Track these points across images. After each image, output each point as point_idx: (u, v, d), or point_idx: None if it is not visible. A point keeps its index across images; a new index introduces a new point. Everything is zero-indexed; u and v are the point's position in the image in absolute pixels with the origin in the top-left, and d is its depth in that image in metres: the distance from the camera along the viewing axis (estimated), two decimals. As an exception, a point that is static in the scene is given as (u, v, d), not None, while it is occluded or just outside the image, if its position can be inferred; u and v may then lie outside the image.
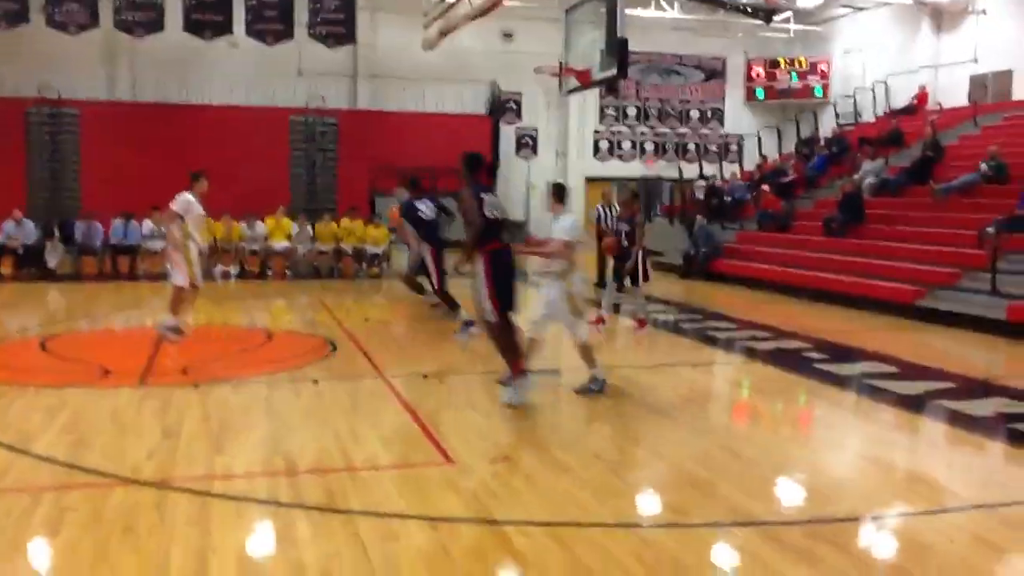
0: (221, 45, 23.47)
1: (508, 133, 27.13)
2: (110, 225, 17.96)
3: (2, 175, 21.66)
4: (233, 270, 17.52)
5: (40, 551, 4.24)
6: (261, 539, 4.47)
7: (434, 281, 11.18)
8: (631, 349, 11.02)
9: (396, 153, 24.70)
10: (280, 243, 17.88)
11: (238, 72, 24.39)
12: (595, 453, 6.05)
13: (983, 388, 8.07)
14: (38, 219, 18.42)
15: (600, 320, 11.17)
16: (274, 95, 24.68)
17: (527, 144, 27.45)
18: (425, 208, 11.45)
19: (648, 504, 5.18)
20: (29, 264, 16.97)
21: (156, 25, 22.76)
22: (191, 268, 9.83)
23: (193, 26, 22.85)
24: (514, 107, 27.09)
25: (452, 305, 10.87)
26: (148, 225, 17.58)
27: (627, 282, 11.28)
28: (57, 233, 18.06)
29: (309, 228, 18.22)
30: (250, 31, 23.26)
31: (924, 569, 4.16)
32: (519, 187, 27.15)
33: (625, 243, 11.20)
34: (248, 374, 8.34)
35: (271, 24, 23.45)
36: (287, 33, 23.45)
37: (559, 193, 7.88)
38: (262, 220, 17.97)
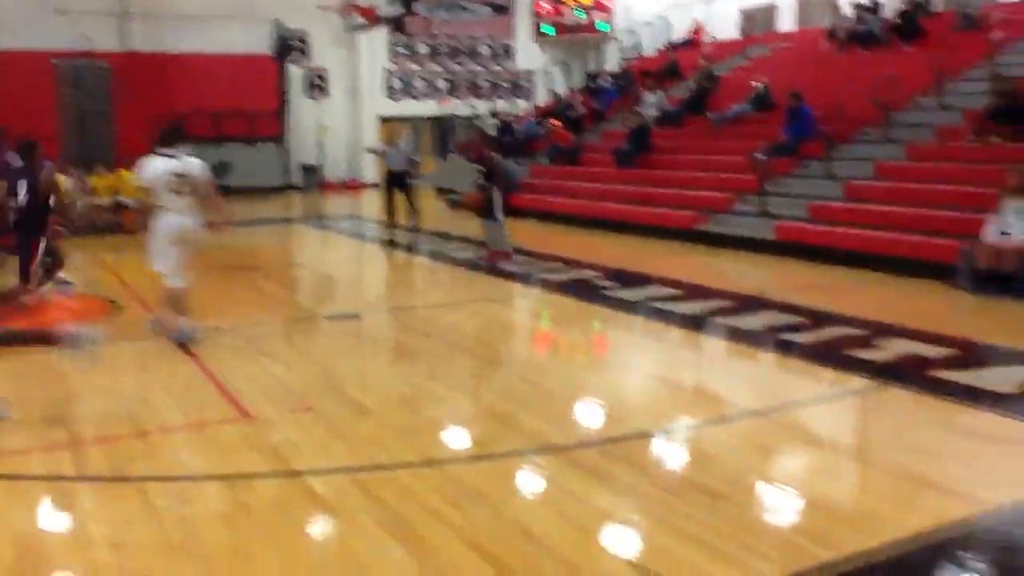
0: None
1: (297, 73, 26.19)
2: None
3: None
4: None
5: None
6: (42, 516, 4.20)
7: None
8: (430, 288, 11.07)
9: (179, 99, 23.36)
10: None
11: (-9, 13, 22.18)
12: (397, 394, 6.06)
13: (756, 304, 8.69)
14: None
15: (507, 254, 11.39)
16: (34, 36, 22.62)
17: (317, 85, 26.61)
18: None
19: (450, 440, 5.26)
20: None
21: None
22: None
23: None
24: (301, 46, 26.12)
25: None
26: None
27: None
28: None
29: (85, 181, 16.95)
30: (-3, -37, 21.12)
31: (708, 477, 4.46)
32: (311, 129, 26.41)
33: (482, 181, 11.60)
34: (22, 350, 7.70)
35: (21, -44, 21.36)
36: (42, -35, 21.46)
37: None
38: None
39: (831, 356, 6.74)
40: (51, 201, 8.87)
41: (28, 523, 4.13)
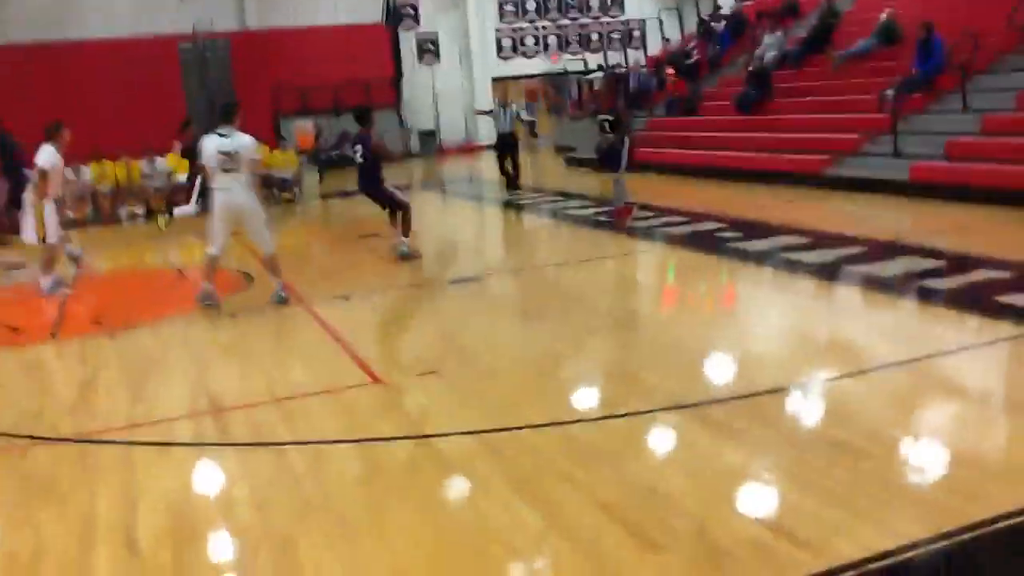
0: (94, -26, 22.19)
1: (409, 40, 26.41)
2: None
3: None
4: (139, 210, 16.91)
5: (-41, 522, 4.11)
6: (190, 480, 4.40)
7: None
8: (552, 247, 11.03)
9: (295, 72, 23.94)
10: (184, 177, 17.25)
11: (116, 3, 23.15)
12: (522, 355, 6.07)
13: (892, 249, 8.29)
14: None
15: (628, 210, 11.25)
16: (159, 23, 23.51)
17: (429, 50, 26.79)
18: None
19: (577, 400, 5.23)
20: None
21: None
22: (41, 225, 9.23)
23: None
24: (412, 12, 26.31)
25: None
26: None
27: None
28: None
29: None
30: (123, -45, 21.98)
31: (845, 432, 4.29)
32: (426, 95, 26.63)
33: (609, 132, 11.33)
34: (163, 315, 8.10)
35: (144, -53, 22.16)
36: (164, -45, 22.22)
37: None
38: (162, 156, 17.29)
39: (976, 302, 6.37)
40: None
41: (179, 487, 4.34)
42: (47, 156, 9.21)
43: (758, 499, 3.73)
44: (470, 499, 3.98)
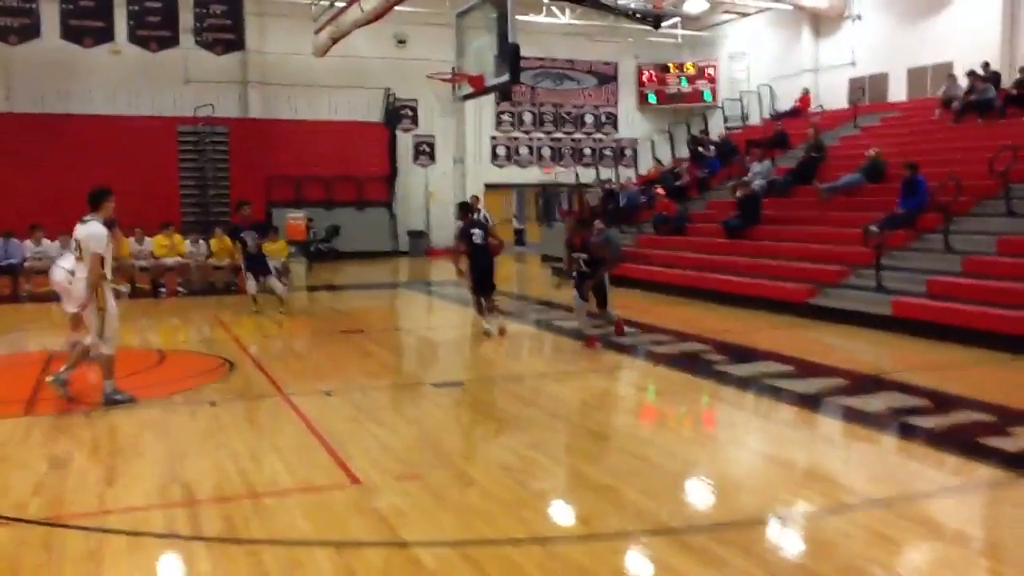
0: (103, 52, 22.66)
1: (405, 140, 26.96)
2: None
3: None
4: (124, 288, 16.82)
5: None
6: (159, 572, 4.28)
7: None
8: (535, 358, 11.05)
9: (291, 163, 24.32)
10: (171, 258, 17.31)
11: (122, 80, 23.63)
12: (502, 464, 6.01)
13: (874, 383, 8.37)
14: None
15: (594, 340, 10.69)
16: (160, 104, 23.96)
17: (425, 151, 27.33)
18: None
19: (557, 515, 5.17)
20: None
21: (32, 32, 21.82)
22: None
23: (72, 33, 21.99)
24: (410, 114, 26.93)
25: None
26: (30, 244, 16.78)
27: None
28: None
29: (203, 244, 17.72)
30: (133, 38, 22.54)
31: (825, 567, 4.25)
32: (419, 195, 27.05)
33: (586, 269, 10.68)
34: (141, 397, 7.98)
35: (155, 31, 22.76)
36: (172, 40, 22.79)
37: None
38: (150, 236, 17.35)
39: (957, 442, 6.41)
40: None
41: (145, 581, 4.22)
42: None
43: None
44: (446, 614, 3.89)
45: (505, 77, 13.67)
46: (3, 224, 17.39)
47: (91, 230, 7.31)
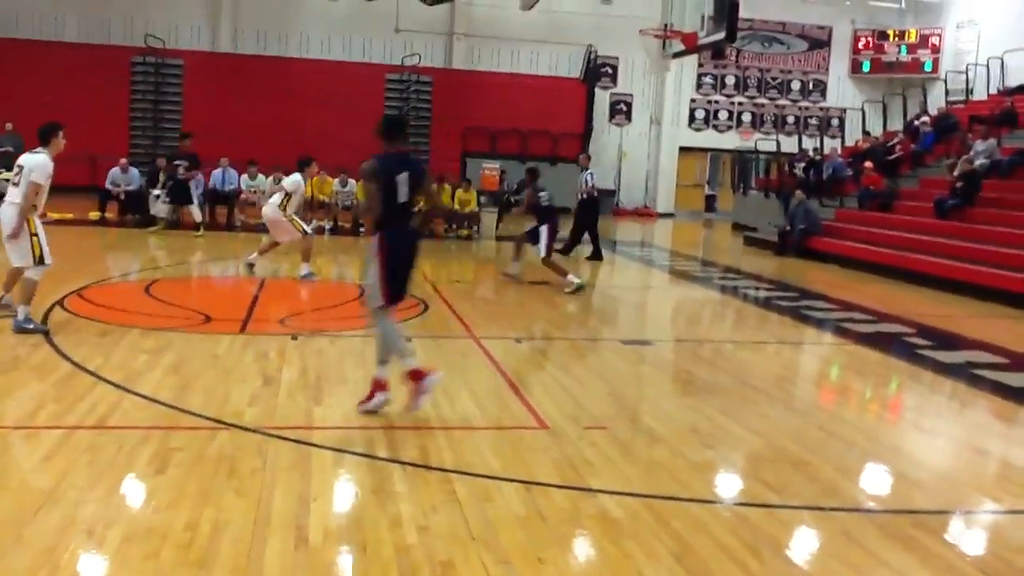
0: (322, 0, 23.70)
1: (603, 98, 26.80)
2: (209, 174, 18.33)
3: (107, 122, 22.35)
4: (327, 224, 17.77)
5: (148, 488, 4.36)
6: (360, 490, 4.51)
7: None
8: (722, 323, 10.82)
9: (488, 114, 24.70)
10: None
11: (336, 27, 24.64)
12: (689, 426, 5.95)
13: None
14: (141, 166, 18.93)
15: None
16: (371, 51, 24.84)
17: (621, 110, 27.09)
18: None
19: (745, 480, 5.07)
20: (132, 210, 17.46)
21: (260, -22, 23.10)
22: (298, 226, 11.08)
23: (295, -19, 23.11)
24: (610, 72, 26.72)
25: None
26: (246, 177, 17.93)
27: None
28: (161, 180, 18.47)
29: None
30: (352, -13, 23.43)
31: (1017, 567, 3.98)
32: (611, 154, 26.89)
33: None
34: (343, 328, 8.43)
35: (370, -20, 23.54)
36: (388, -11, 23.54)
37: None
38: (355, 179, 18.15)
39: None
40: None
41: (349, 493, 4.47)
42: (291, 182, 11.39)
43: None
44: (632, 562, 3.90)
45: (720, 35, 13.26)
46: (224, 155, 18.63)
47: (37, 161, 7.44)
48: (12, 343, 7.12)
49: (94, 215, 17.05)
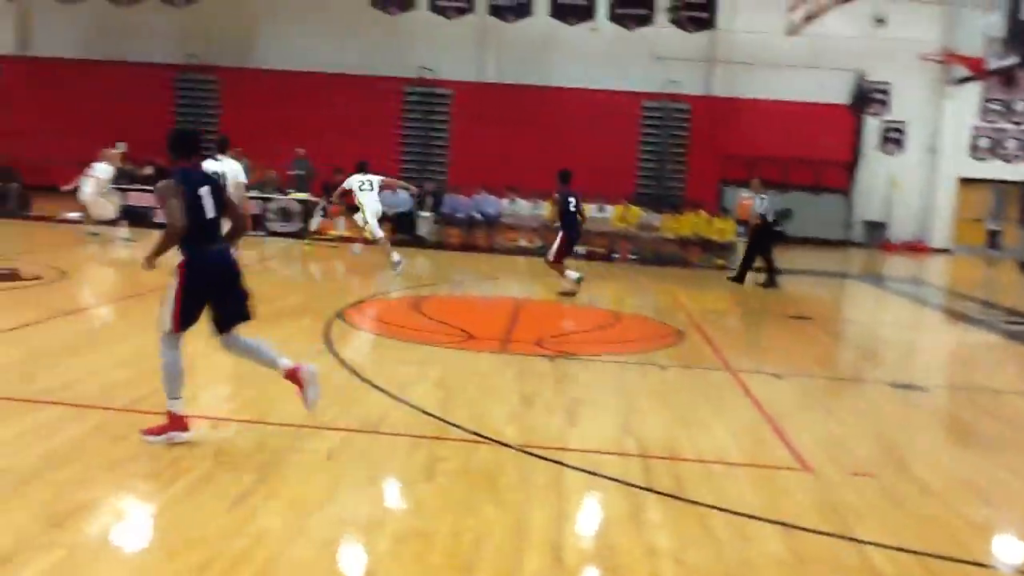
0: (583, 30, 24.21)
1: (872, 126, 25.42)
2: (472, 199, 19.24)
3: (381, 148, 23.97)
4: (581, 250, 18.06)
5: (417, 493, 4.61)
6: (614, 515, 4.52)
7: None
8: (1004, 371, 9.89)
9: (747, 143, 24.11)
10: (627, 228, 18.20)
11: (595, 56, 25.02)
12: (965, 479, 5.48)
13: None
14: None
15: None
16: (629, 79, 25.02)
17: (892, 139, 25.56)
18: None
19: (1035, 549, 4.60)
20: (402, 230, 18.63)
21: (525, 11, 23.94)
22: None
23: (559, 11, 23.75)
24: (880, 98, 25.30)
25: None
26: (505, 202, 18.66)
27: None
28: (430, 202, 19.63)
29: (656, 217, 18.42)
30: (612, 16, 23.74)
31: None
32: (880, 183, 25.42)
33: None
34: (597, 352, 8.53)
35: (633, 9, 23.75)
36: (648, 18, 23.64)
37: None
38: (610, 205, 18.42)
39: None
40: None
41: (604, 517, 4.50)
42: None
43: None
44: (905, 623, 3.65)
45: (1014, 59, 12.17)
46: (486, 181, 19.48)
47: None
48: (300, 351, 7.80)
49: (368, 234, 18.32)
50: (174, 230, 5.01)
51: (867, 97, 24.93)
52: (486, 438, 5.51)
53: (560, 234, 12.07)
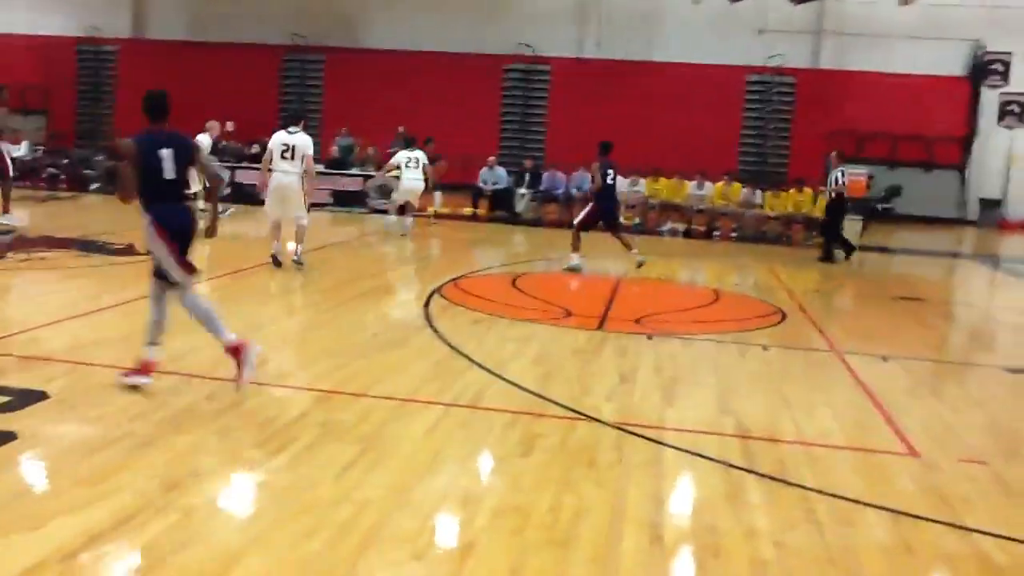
0: (686, 3, 23.76)
1: (991, 99, 24.26)
2: (571, 176, 19.17)
3: (480, 126, 24.11)
4: (680, 227, 17.87)
5: (515, 468, 4.66)
6: (713, 496, 4.49)
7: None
8: None
9: (855, 116, 23.36)
10: (728, 206, 17.88)
11: (698, 30, 24.53)
12: (1093, 473, 5.24)
13: None
14: (508, 166, 20.25)
15: None
16: (732, 53, 24.47)
17: (1013, 112, 24.35)
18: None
19: None
20: (500, 207, 18.76)
21: (628, -15, 23.65)
22: None
23: (661, -15, 23.39)
24: (1001, 69, 24.10)
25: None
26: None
27: None
28: (526, 180, 19.67)
29: (758, 195, 18.02)
30: (716, -13, 23.25)
31: None
32: (997, 159, 24.28)
33: None
34: (697, 331, 8.44)
35: (738, -20, 23.18)
36: (754, -10, 23.06)
37: None
38: (711, 182, 18.10)
39: None
40: None
41: (703, 496, 4.47)
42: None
43: None
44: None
45: None
46: (584, 158, 19.29)
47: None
48: (401, 326, 7.96)
49: (467, 211, 18.52)
50: (120, 195, 5.56)
51: (985, 68, 23.78)
52: (584, 415, 5.53)
53: (590, 204, 11.94)
